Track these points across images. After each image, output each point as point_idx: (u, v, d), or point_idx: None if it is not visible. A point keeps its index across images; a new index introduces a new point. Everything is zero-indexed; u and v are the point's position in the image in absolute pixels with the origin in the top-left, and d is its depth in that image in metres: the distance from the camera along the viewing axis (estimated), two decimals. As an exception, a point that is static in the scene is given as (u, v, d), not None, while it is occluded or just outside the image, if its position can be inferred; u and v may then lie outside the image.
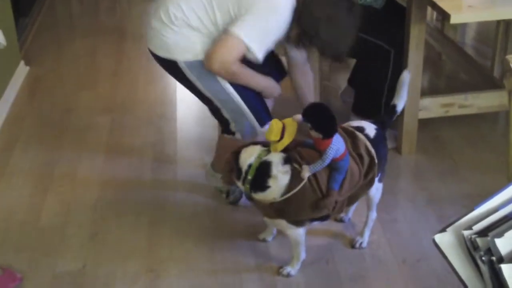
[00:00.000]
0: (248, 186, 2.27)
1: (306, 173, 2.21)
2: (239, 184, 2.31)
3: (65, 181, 3.10)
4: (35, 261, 2.59)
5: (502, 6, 2.67)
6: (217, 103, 2.62)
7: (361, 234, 2.63)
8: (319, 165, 2.20)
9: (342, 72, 4.02)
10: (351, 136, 2.37)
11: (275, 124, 2.21)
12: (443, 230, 1.09)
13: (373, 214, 2.60)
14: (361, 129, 2.43)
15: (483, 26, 4.71)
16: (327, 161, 2.18)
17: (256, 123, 2.62)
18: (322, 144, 2.17)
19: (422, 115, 3.13)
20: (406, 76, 2.57)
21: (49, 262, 2.58)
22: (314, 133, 2.17)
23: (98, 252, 2.64)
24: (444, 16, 2.62)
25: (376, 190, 2.52)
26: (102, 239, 2.71)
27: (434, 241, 1.10)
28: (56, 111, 3.78)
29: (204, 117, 3.41)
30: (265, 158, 2.25)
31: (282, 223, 2.36)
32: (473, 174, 3.07)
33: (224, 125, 2.70)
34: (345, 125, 2.47)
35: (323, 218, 2.37)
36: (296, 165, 2.24)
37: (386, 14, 3.27)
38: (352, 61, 3.79)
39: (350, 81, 3.72)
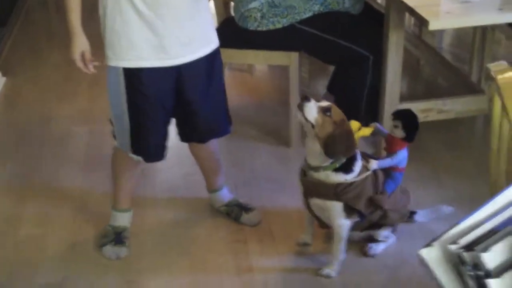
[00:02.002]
0: (336, 165, 2.33)
1: (374, 165, 2.39)
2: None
3: (44, 192, 3.08)
4: (14, 273, 2.56)
5: (479, 13, 2.68)
6: (110, 107, 2.48)
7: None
8: (387, 162, 2.41)
9: (321, 78, 4.04)
10: None
11: (352, 124, 2.37)
12: (429, 244, 1.09)
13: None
14: None
15: (459, 32, 4.74)
16: (396, 160, 2.39)
17: (129, 147, 2.48)
18: (398, 144, 2.40)
19: (401, 120, 3.13)
20: (446, 210, 2.73)
21: (29, 274, 2.55)
22: (398, 132, 2.40)
23: (78, 263, 2.62)
24: (422, 22, 2.63)
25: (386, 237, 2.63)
26: (81, 251, 2.69)
27: (420, 256, 1.09)
28: (34, 122, 3.74)
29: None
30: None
31: (337, 208, 2.38)
32: (452, 178, 3.09)
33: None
34: None
35: (361, 216, 2.44)
36: (366, 157, 2.43)
37: (364, 20, 3.28)
38: (331, 67, 3.80)
39: (329, 88, 3.72)
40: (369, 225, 2.54)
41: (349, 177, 2.35)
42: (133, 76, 2.34)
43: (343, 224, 2.42)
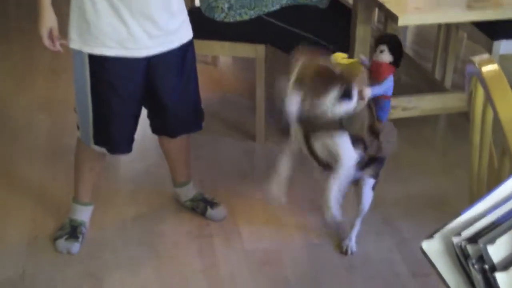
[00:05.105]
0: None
1: (368, 92, 2.26)
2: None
3: (2, 184, 2.99)
4: (-30, 267, 2.48)
5: (448, 9, 2.70)
6: (75, 94, 2.41)
7: (350, 238, 2.60)
8: (378, 90, 2.31)
9: (287, 71, 4.02)
10: None
11: (337, 55, 2.28)
12: (431, 236, 1.06)
13: (359, 224, 2.62)
14: None
15: (422, 30, 4.78)
16: (385, 87, 2.31)
17: (90, 138, 2.42)
18: (385, 70, 2.32)
19: (367, 117, 3.14)
20: None
21: (-14, 269, 2.48)
22: (385, 56, 2.34)
23: (37, 257, 2.55)
24: (392, 18, 2.63)
25: (367, 195, 2.53)
26: (41, 244, 2.61)
27: (421, 248, 1.07)
28: (-9, 111, 3.66)
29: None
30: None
31: (344, 139, 2.25)
32: (417, 175, 3.10)
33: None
34: None
35: (364, 148, 2.34)
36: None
37: (331, 14, 3.28)
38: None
39: (294, 82, 3.71)
40: (366, 161, 2.41)
41: (350, 106, 2.21)
42: (98, 64, 2.27)
43: (353, 156, 2.28)
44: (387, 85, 2.35)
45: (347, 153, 2.28)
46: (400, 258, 2.56)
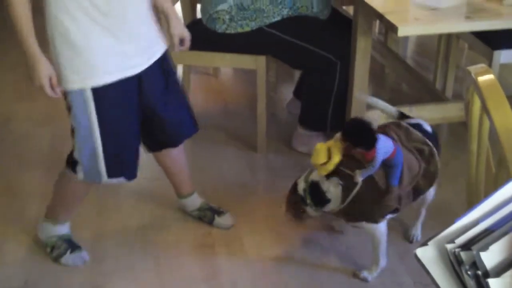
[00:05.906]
0: (314, 207, 2.40)
1: (359, 177, 2.29)
2: (310, 210, 2.43)
3: (3, 194, 3.01)
4: (-27, 278, 2.49)
5: (447, 20, 2.70)
6: (75, 137, 2.34)
7: (416, 227, 2.74)
8: (370, 170, 2.27)
9: (288, 83, 4.03)
10: (404, 130, 2.45)
11: (320, 147, 2.30)
12: (425, 243, 1.08)
13: (424, 211, 2.72)
14: (418, 126, 2.52)
15: (424, 40, 4.79)
16: (377, 165, 2.25)
17: (103, 173, 2.35)
18: (368, 155, 2.24)
19: (369, 127, 3.14)
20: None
21: (-12, 279, 2.49)
22: (357, 149, 2.28)
23: (40, 267, 2.55)
24: (392, 28, 2.64)
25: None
26: (43, 254, 2.62)
27: (415, 255, 1.08)
28: (-7, 122, 3.67)
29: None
30: (311, 179, 2.38)
31: (361, 224, 2.43)
32: (419, 185, 3.10)
33: (71, 158, 2.42)
34: (402, 121, 2.54)
35: (394, 211, 2.40)
36: (348, 171, 2.32)
37: (331, 25, 3.29)
38: (297, 72, 3.80)
39: (296, 93, 3.72)
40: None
41: (335, 204, 2.35)
42: (102, 94, 2.22)
43: (374, 229, 2.42)
44: (377, 162, 2.23)
45: (369, 229, 2.44)
46: (403, 268, 2.56)
